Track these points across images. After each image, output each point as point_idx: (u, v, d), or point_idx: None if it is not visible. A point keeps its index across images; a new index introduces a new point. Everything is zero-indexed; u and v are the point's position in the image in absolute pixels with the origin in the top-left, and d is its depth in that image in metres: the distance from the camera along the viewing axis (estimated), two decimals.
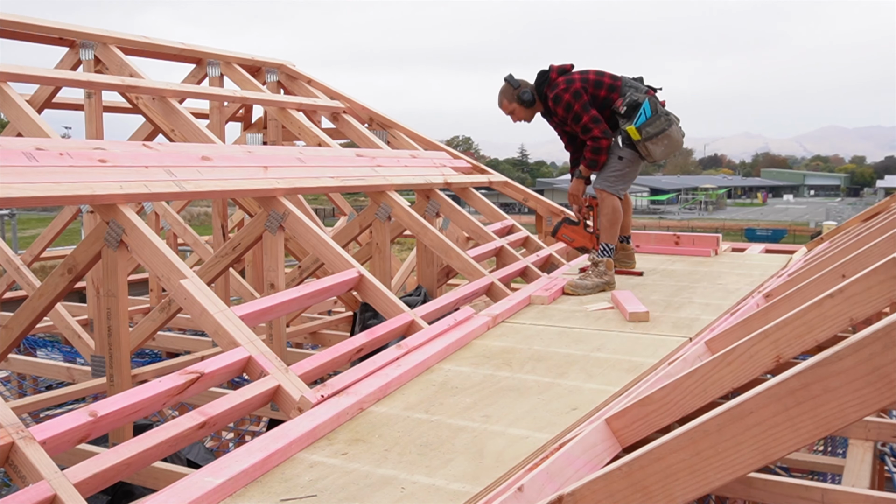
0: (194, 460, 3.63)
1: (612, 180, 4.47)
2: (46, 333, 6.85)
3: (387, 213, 4.64)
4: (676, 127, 4.34)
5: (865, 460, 2.51)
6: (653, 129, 4.26)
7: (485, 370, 2.93)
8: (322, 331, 5.90)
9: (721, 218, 53.46)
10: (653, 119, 4.26)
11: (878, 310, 1.75)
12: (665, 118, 4.28)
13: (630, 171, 4.52)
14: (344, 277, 3.47)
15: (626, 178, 4.53)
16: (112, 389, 3.10)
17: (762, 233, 36.94)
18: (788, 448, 1.14)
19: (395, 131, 6.34)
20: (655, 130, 4.26)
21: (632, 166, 4.49)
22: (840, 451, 4.61)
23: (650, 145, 4.29)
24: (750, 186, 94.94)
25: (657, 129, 4.26)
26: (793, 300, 2.55)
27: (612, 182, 4.47)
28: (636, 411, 1.81)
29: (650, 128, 4.26)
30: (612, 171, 4.46)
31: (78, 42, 4.86)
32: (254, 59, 6.09)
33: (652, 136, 4.27)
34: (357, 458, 2.14)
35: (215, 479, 1.90)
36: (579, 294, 4.25)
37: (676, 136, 4.34)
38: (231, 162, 3.83)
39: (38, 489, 1.76)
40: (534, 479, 1.62)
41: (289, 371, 2.62)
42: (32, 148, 2.93)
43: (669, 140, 4.30)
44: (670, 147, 4.34)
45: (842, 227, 5.31)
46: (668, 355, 3.00)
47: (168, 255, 2.87)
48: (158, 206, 6.94)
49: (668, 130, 4.28)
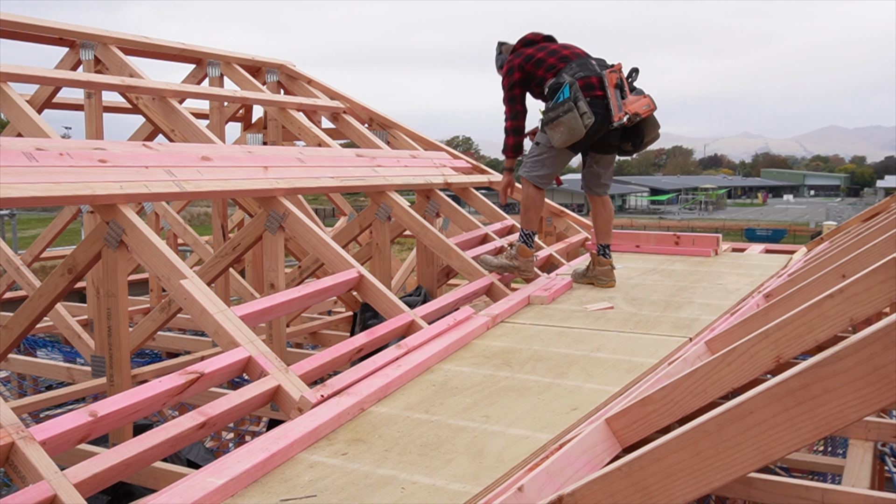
0: (194, 460, 3.63)
1: (529, 166, 4.32)
2: (46, 333, 6.85)
3: (387, 214, 4.64)
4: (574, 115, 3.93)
5: (865, 460, 2.51)
6: (552, 114, 4.01)
7: (485, 370, 2.93)
8: (322, 331, 5.90)
9: (721, 218, 53.48)
10: (556, 105, 4.00)
11: (878, 310, 1.75)
12: (571, 103, 3.95)
13: (550, 158, 4.26)
14: (344, 277, 3.47)
15: (546, 165, 4.28)
16: (112, 389, 3.10)
17: (762, 233, 36.96)
18: (788, 448, 1.14)
19: (395, 131, 6.34)
20: (553, 115, 4.00)
21: (551, 152, 4.22)
22: (840, 452, 4.61)
23: (548, 130, 4.06)
24: (750, 186, 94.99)
25: (554, 114, 3.99)
26: (793, 300, 2.55)
27: (529, 168, 4.31)
28: (636, 411, 1.81)
29: (551, 112, 4.03)
30: (529, 156, 4.33)
31: (78, 42, 4.86)
32: (254, 59, 6.09)
33: (549, 120, 4.03)
34: (357, 459, 2.14)
35: (217, 480, 1.90)
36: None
37: (572, 123, 3.95)
38: (231, 162, 3.83)
39: (38, 489, 1.76)
40: (534, 480, 1.62)
41: (289, 371, 2.62)
42: (32, 148, 2.93)
43: (565, 127, 3.97)
44: (567, 134, 3.99)
45: (842, 228, 5.31)
46: (668, 355, 3.00)
47: (168, 255, 2.87)
48: (158, 207, 6.94)
49: (564, 118, 3.96)
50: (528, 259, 4.36)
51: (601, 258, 4.53)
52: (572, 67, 4.13)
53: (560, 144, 4.05)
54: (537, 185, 4.31)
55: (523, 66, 4.30)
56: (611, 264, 4.54)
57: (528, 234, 4.37)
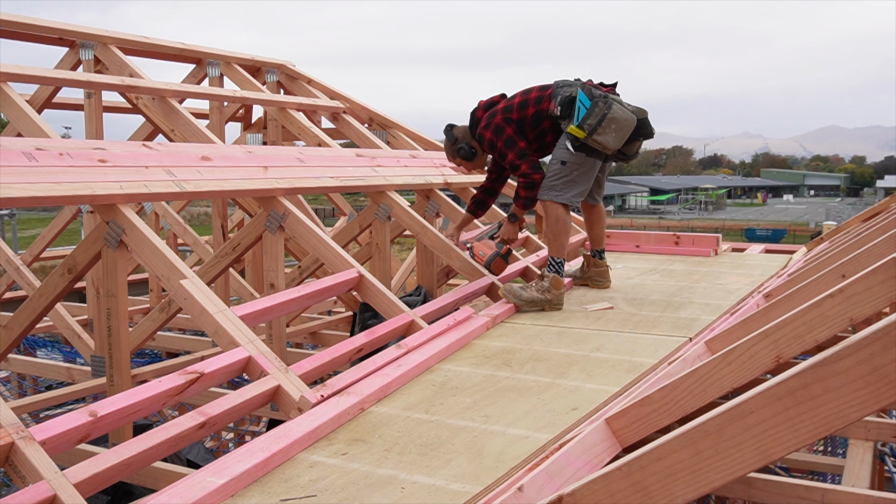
0: (194, 460, 3.64)
1: (560, 188, 3.93)
2: (46, 333, 6.85)
3: (387, 213, 4.64)
4: (619, 106, 3.80)
5: (865, 460, 2.51)
6: (594, 120, 3.75)
7: (485, 370, 2.93)
8: (322, 331, 5.90)
9: (721, 218, 53.47)
10: (591, 109, 3.76)
11: (878, 310, 1.75)
12: (603, 101, 3.78)
13: (580, 175, 3.94)
14: (344, 277, 3.47)
15: (578, 182, 3.96)
16: (112, 389, 3.10)
17: (762, 233, 36.95)
18: (788, 448, 1.14)
19: (395, 131, 6.34)
20: (596, 120, 3.74)
21: (580, 169, 3.92)
22: (840, 451, 4.61)
23: (599, 138, 3.77)
24: (750, 186, 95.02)
25: (597, 117, 3.74)
26: (793, 300, 2.55)
27: (560, 190, 3.93)
28: (636, 411, 1.81)
29: (591, 119, 3.75)
30: (554, 178, 3.93)
31: (78, 42, 4.87)
32: (254, 59, 6.10)
33: (595, 126, 3.75)
34: (357, 458, 2.14)
35: (217, 480, 1.90)
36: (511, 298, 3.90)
37: (622, 114, 3.78)
38: (231, 162, 3.83)
39: (38, 489, 1.76)
40: (534, 479, 1.62)
41: (289, 371, 2.62)
42: (32, 148, 2.93)
43: (616, 122, 3.76)
44: (620, 129, 3.78)
45: (842, 227, 5.31)
46: (667, 355, 3.00)
47: (168, 255, 2.87)
48: (158, 206, 6.94)
49: (610, 113, 3.75)
50: (561, 291, 3.95)
51: (595, 260, 4.45)
52: (560, 86, 3.94)
53: (618, 143, 3.80)
54: (572, 205, 3.98)
55: (508, 117, 3.98)
56: (606, 265, 4.45)
57: (560, 261, 3.98)
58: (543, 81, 4.20)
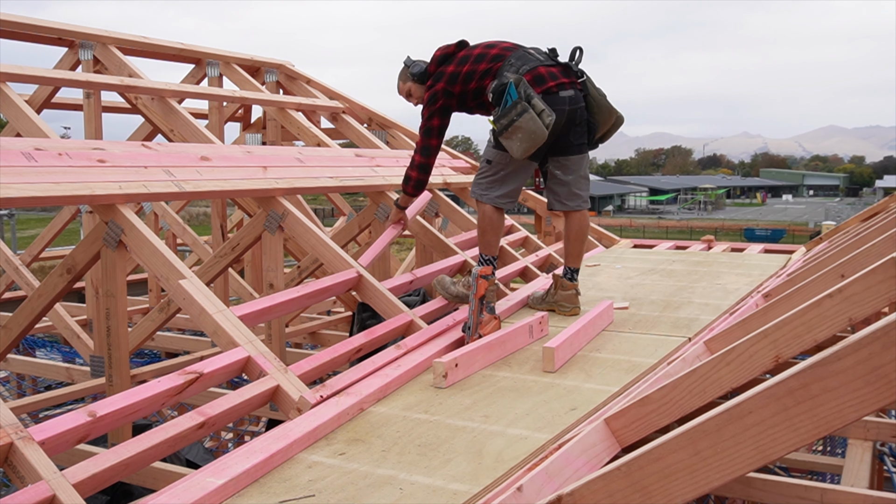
0: (193, 460, 3.63)
1: (484, 187, 3.64)
2: (46, 333, 6.84)
3: (386, 213, 4.64)
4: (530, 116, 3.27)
5: (864, 460, 2.52)
6: (504, 121, 3.32)
7: (484, 370, 2.93)
8: (321, 331, 5.90)
9: (720, 218, 53.49)
10: (508, 109, 3.31)
11: (877, 310, 1.75)
12: (522, 104, 3.29)
13: (507, 175, 3.60)
14: (343, 277, 3.47)
15: (505, 184, 3.61)
16: (111, 389, 3.10)
17: (761, 233, 36.96)
18: (787, 448, 1.14)
19: (395, 131, 6.33)
20: (506, 122, 3.31)
21: (506, 169, 3.58)
22: (839, 451, 4.61)
23: (504, 140, 3.37)
24: (749, 186, 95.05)
25: (507, 120, 3.31)
26: (792, 300, 2.55)
27: (485, 189, 3.63)
28: (635, 411, 1.81)
29: (503, 119, 3.32)
30: (482, 176, 3.65)
31: (77, 42, 4.86)
32: (253, 59, 6.09)
33: (503, 129, 3.33)
34: (356, 459, 2.14)
35: (217, 480, 1.90)
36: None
37: (531, 125, 3.27)
38: (230, 162, 3.83)
39: (37, 489, 1.76)
40: (533, 479, 1.62)
41: (288, 371, 2.62)
42: (31, 148, 2.93)
43: (522, 132, 3.29)
44: (527, 139, 3.30)
45: (841, 227, 5.31)
46: (667, 355, 3.00)
47: (167, 255, 2.87)
48: (157, 207, 6.94)
49: (519, 121, 3.27)
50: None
51: (565, 281, 3.80)
52: (512, 63, 3.48)
53: (522, 154, 3.36)
54: (499, 206, 3.65)
55: (449, 89, 3.63)
56: (576, 288, 3.81)
57: (489, 258, 3.65)
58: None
